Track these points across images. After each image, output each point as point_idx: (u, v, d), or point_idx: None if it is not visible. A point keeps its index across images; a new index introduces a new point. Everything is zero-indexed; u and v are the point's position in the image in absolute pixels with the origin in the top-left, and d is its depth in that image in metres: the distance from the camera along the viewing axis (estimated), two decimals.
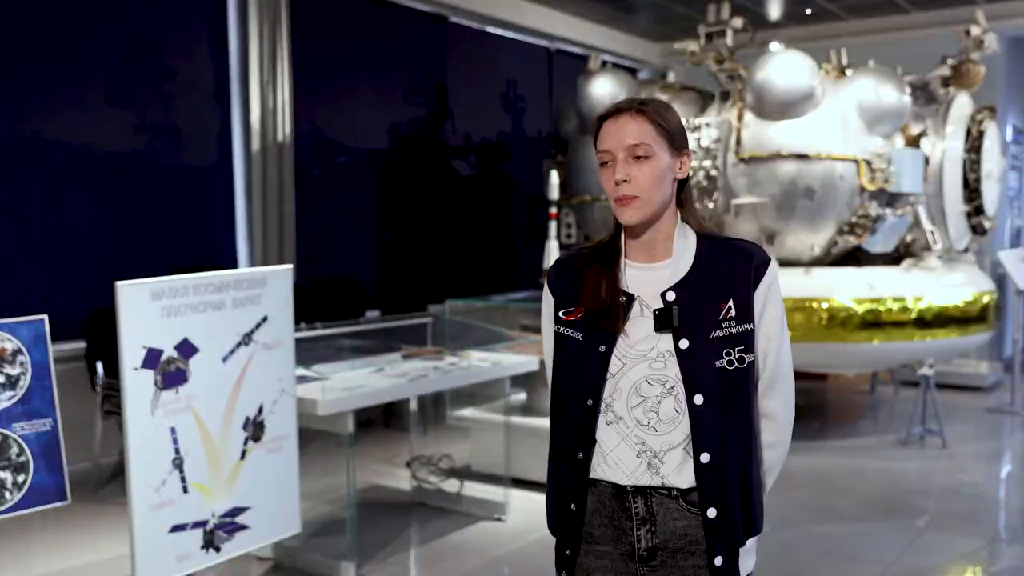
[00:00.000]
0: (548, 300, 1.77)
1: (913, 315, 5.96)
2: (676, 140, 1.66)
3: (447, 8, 7.68)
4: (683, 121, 1.72)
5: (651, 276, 1.67)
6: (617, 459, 1.64)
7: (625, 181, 1.62)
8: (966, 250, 6.84)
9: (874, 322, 5.89)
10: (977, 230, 6.78)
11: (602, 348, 1.64)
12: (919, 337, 6.00)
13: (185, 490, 3.11)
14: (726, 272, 1.65)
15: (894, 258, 6.47)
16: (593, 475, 1.67)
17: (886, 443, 6.21)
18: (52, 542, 4.36)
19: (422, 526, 4.54)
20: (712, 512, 1.61)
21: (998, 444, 6.38)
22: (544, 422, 5.76)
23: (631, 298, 1.66)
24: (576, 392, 1.67)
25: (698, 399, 1.60)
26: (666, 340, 1.62)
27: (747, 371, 1.63)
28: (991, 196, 6.77)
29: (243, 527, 3.32)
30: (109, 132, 5.61)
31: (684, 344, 1.61)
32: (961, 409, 7.18)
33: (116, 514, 4.62)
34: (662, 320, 1.62)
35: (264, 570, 3.92)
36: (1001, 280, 7.92)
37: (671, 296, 1.63)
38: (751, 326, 1.64)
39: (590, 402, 1.65)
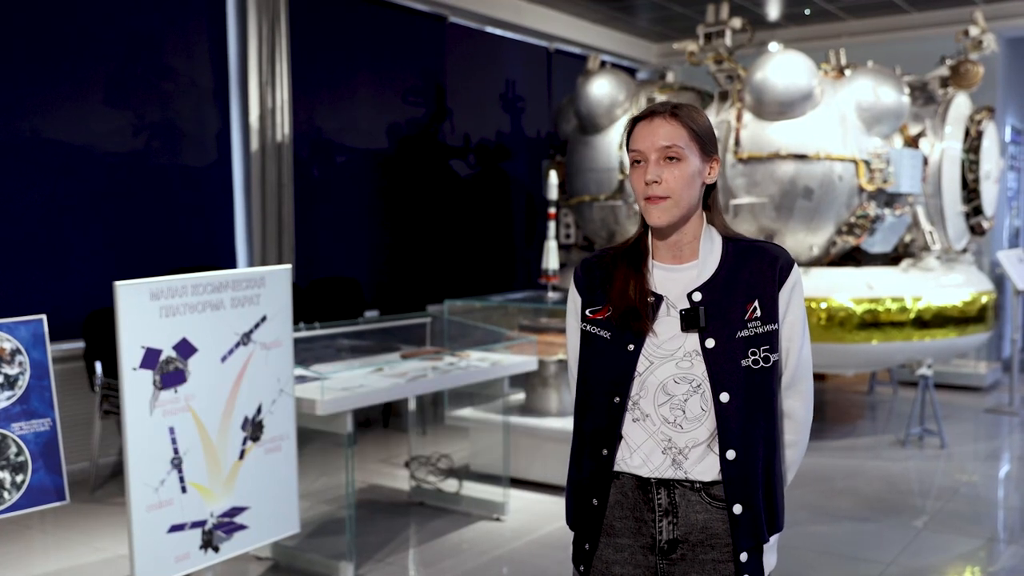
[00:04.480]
0: (575, 298, 1.80)
1: (912, 315, 5.96)
2: (707, 145, 1.70)
3: (447, 8, 7.68)
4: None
5: (678, 277, 1.71)
6: (644, 455, 1.68)
7: (656, 182, 1.65)
8: (965, 250, 6.84)
9: (873, 322, 5.89)
10: (976, 230, 6.78)
11: (631, 347, 1.67)
12: (918, 337, 6.00)
13: (184, 490, 3.12)
14: (751, 273, 1.69)
15: (893, 258, 6.47)
16: (616, 468, 1.70)
17: (885, 443, 6.22)
18: (51, 542, 4.36)
19: (421, 526, 4.54)
20: (738, 508, 1.65)
21: (997, 444, 6.38)
22: (542, 422, 5.74)
23: (659, 298, 1.69)
24: (603, 389, 1.70)
25: (724, 397, 1.63)
26: (692, 340, 1.66)
27: (772, 370, 1.67)
28: (990, 196, 6.77)
29: (242, 527, 3.33)
30: (108, 132, 5.60)
31: (710, 343, 1.65)
32: (960, 409, 7.19)
33: (115, 514, 4.63)
34: (689, 320, 1.66)
35: (263, 570, 3.92)
36: (1000, 280, 7.94)
37: (697, 297, 1.67)
38: (776, 326, 1.67)
39: (617, 399, 1.68)
